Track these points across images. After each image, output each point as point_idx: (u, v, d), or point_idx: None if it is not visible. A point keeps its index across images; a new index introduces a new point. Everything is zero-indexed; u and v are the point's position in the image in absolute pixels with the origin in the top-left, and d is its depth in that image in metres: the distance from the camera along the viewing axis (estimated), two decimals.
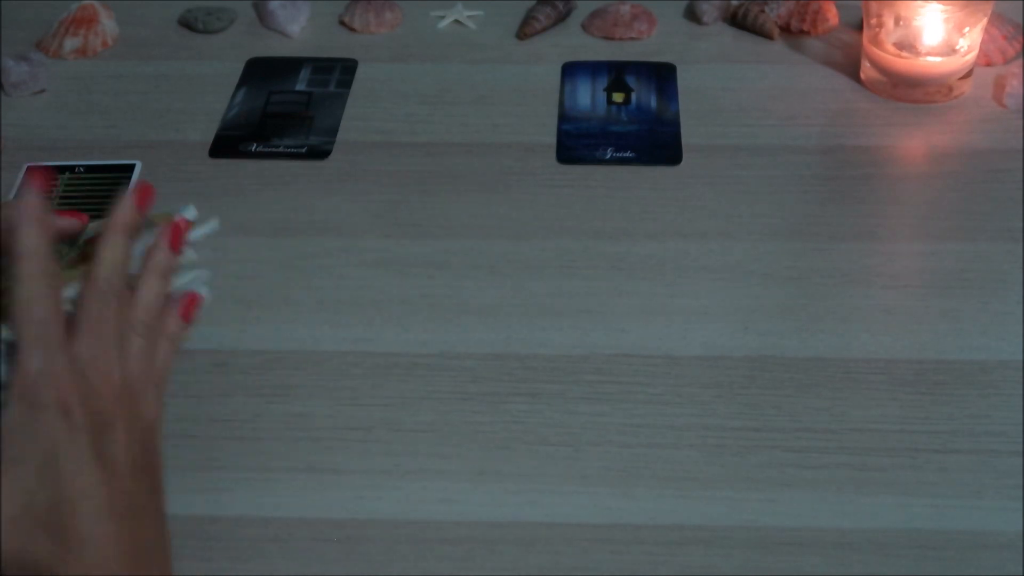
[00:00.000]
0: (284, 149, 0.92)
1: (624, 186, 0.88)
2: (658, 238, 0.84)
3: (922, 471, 0.69)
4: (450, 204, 0.87)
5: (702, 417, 0.72)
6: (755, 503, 0.67)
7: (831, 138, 0.92)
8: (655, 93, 0.97)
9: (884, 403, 0.72)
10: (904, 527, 0.66)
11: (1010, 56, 0.99)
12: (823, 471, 0.69)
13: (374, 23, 1.05)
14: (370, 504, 0.68)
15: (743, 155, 0.91)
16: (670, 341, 0.76)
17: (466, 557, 0.65)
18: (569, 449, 0.70)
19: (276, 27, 1.05)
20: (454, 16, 1.06)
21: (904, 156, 0.91)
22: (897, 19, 0.93)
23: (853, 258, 0.82)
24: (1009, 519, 0.66)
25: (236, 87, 0.98)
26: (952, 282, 0.80)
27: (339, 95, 0.98)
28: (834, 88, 0.97)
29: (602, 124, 0.94)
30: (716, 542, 0.65)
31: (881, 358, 0.75)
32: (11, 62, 0.98)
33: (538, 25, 1.04)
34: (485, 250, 0.83)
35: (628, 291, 0.80)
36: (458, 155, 0.91)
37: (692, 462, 0.69)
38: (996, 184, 0.87)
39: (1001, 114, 0.94)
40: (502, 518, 0.67)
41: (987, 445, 0.70)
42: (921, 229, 0.85)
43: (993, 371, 0.74)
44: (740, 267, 0.81)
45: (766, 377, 0.74)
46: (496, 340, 0.76)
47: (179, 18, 1.06)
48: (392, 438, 0.71)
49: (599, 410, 0.72)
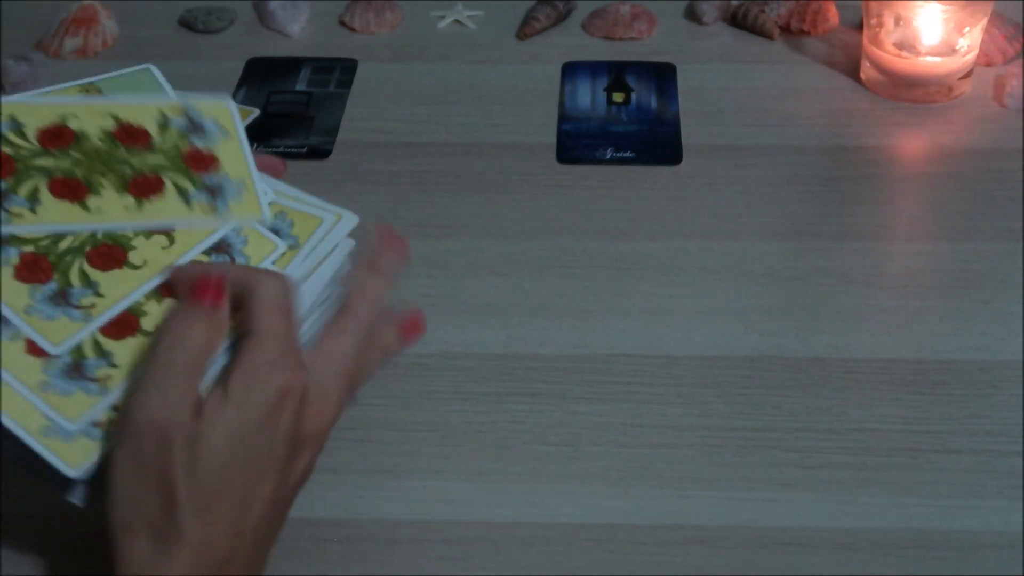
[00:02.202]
0: (284, 149, 0.92)
1: (624, 186, 0.88)
2: (658, 238, 0.84)
3: (922, 471, 0.69)
4: (450, 204, 0.87)
5: (702, 417, 0.72)
6: (755, 503, 0.67)
7: (831, 138, 0.92)
8: (655, 93, 0.97)
9: (884, 403, 0.72)
10: (904, 527, 0.66)
11: (1010, 56, 0.99)
12: (823, 471, 0.69)
13: (374, 23, 1.05)
14: (370, 504, 0.68)
15: (743, 155, 0.91)
16: (670, 341, 0.76)
17: (466, 557, 0.65)
18: (569, 449, 0.70)
19: (276, 27, 1.05)
20: (454, 16, 1.06)
21: (904, 156, 0.91)
22: (897, 19, 0.93)
23: (853, 258, 0.82)
24: (1009, 519, 0.66)
25: (236, 87, 0.98)
26: (952, 282, 0.80)
27: (339, 95, 0.98)
28: (834, 88, 0.97)
29: (602, 124, 0.94)
30: (716, 542, 0.65)
31: (881, 358, 0.75)
32: (11, 62, 0.98)
33: (538, 25, 1.04)
34: (485, 250, 0.83)
35: (628, 291, 0.80)
36: (458, 155, 0.91)
37: (692, 462, 0.69)
38: (996, 184, 0.87)
39: (1001, 114, 0.94)
40: (502, 518, 0.67)
41: (987, 445, 0.70)
42: (921, 229, 0.85)
43: (993, 371, 0.74)
44: (740, 267, 0.81)
45: (766, 377, 0.74)
46: (496, 340, 0.76)
47: (179, 18, 1.06)
48: (392, 438, 0.71)
49: (599, 410, 0.72)
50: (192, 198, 0.60)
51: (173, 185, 0.60)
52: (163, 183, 0.60)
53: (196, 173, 0.61)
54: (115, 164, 0.60)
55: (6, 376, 0.55)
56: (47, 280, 0.56)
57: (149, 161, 0.61)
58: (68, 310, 0.56)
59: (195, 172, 0.61)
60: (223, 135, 0.63)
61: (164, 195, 0.60)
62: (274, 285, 0.55)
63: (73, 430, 0.54)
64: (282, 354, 0.54)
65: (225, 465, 0.53)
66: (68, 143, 0.60)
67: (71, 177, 0.59)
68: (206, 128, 0.63)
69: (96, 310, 0.56)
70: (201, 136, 0.62)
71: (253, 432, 0.53)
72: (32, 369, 0.55)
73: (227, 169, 0.62)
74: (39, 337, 0.55)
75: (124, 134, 0.61)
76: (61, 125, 0.61)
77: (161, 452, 0.52)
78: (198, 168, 0.61)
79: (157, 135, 0.62)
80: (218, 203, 0.60)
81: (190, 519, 0.52)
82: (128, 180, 0.60)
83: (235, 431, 0.53)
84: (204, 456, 0.52)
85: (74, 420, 0.54)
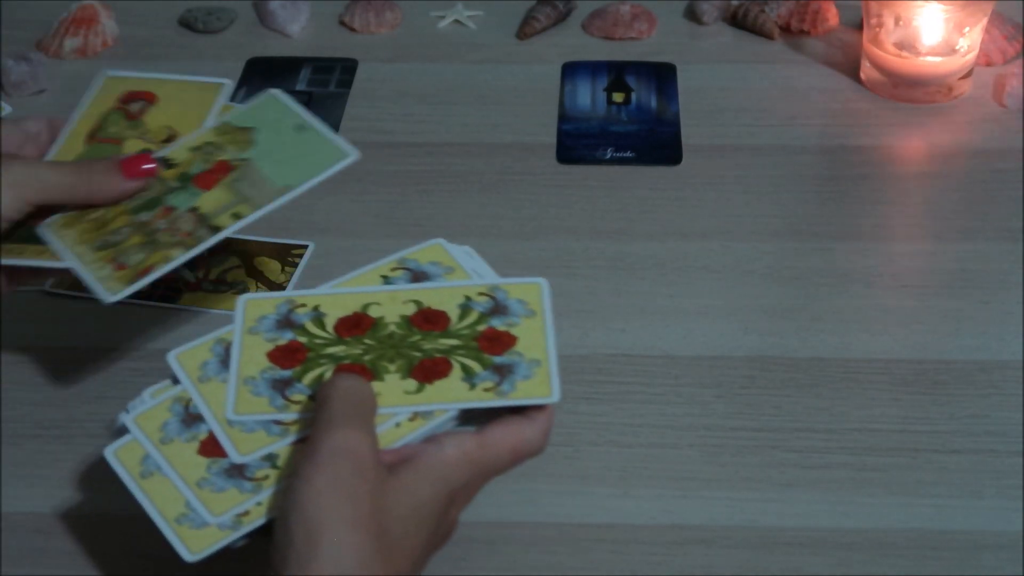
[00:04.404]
0: None
1: (624, 186, 0.88)
2: (658, 238, 0.84)
3: (922, 471, 0.69)
4: (450, 204, 0.87)
5: (702, 417, 0.72)
6: (755, 503, 0.67)
7: (831, 138, 0.92)
8: (655, 93, 0.97)
9: (884, 403, 0.72)
10: (904, 527, 0.66)
11: (1010, 56, 0.99)
12: (823, 471, 0.69)
13: (374, 23, 1.05)
14: None
15: (743, 155, 0.91)
16: (670, 341, 0.76)
17: (466, 557, 0.65)
18: (569, 449, 0.70)
19: (276, 27, 1.05)
20: (454, 16, 1.06)
21: (904, 156, 0.91)
22: (897, 19, 0.93)
23: (853, 258, 0.82)
24: (1009, 519, 0.66)
25: (236, 87, 0.98)
26: (952, 282, 0.80)
27: (339, 95, 0.98)
28: (834, 88, 0.97)
29: (602, 124, 0.94)
30: (716, 542, 0.65)
31: (881, 358, 0.75)
32: (11, 62, 0.98)
33: (538, 25, 1.04)
34: (485, 250, 0.83)
35: (628, 291, 0.80)
36: (458, 155, 0.91)
37: (692, 462, 0.69)
38: (996, 184, 0.87)
39: (1001, 114, 0.94)
40: (502, 518, 0.67)
41: (987, 445, 0.70)
42: (921, 229, 0.85)
43: (993, 371, 0.74)
44: (740, 267, 0.81)
45: (766, 377, 0.74)
46: None
47: (179, 18, 1.06)
48: None
49: (599, 410, 0.72)
50: (477, 380, 0.57)
51: (460, 367, 0.58)
52: (450, 366, 0.58)
53: (488, 355, 0.58)
54: (406, 349, 0.58)
55: (168, 470, 0.56)
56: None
57: (441, 344, 0.58)
58: (240, 482, 0.56)
59: (487, 354, 0.58)
60: (528, 315, 0.60)
61: (448, 378, 0.57)
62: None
63: (211, 522, 0.55)
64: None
65: (405, 520, 0.53)
66: (364, 331, 0.59)
67: (358, 363, 0.58)
68: (510, 308, 0.60)
69: (268, 482, 0.56)
70: (503, 317, 0.60)
71: (437, 510, 0.55)
72: (198, 467, 0.56)
73: (523, 348, 0.58)
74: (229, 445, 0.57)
75: (423, 319, 0.60)
76: (361, 314, 0.60)
77: (356, 475, 0.52)
78: (491, 350, 0.58)
79: (456, 319, 0.59)
80: (504, 385, 0.57)
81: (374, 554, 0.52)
82: (415, 364, 0.58)
83: (420, 501, 0.54)
84: (389, 506, 0.53)
85: (217, 515, 0.55)
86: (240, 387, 0.58)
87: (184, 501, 0.56)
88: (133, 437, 0.58)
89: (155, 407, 0.59)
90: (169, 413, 0.58)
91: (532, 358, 0.58)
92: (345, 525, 0.50)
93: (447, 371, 0.57)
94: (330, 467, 0.51)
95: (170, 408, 0.59)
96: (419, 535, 0.53)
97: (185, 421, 0.58)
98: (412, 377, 0.57)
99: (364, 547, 0.50)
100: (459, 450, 0.55)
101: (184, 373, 0.59)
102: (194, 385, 0.59)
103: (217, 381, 0.58)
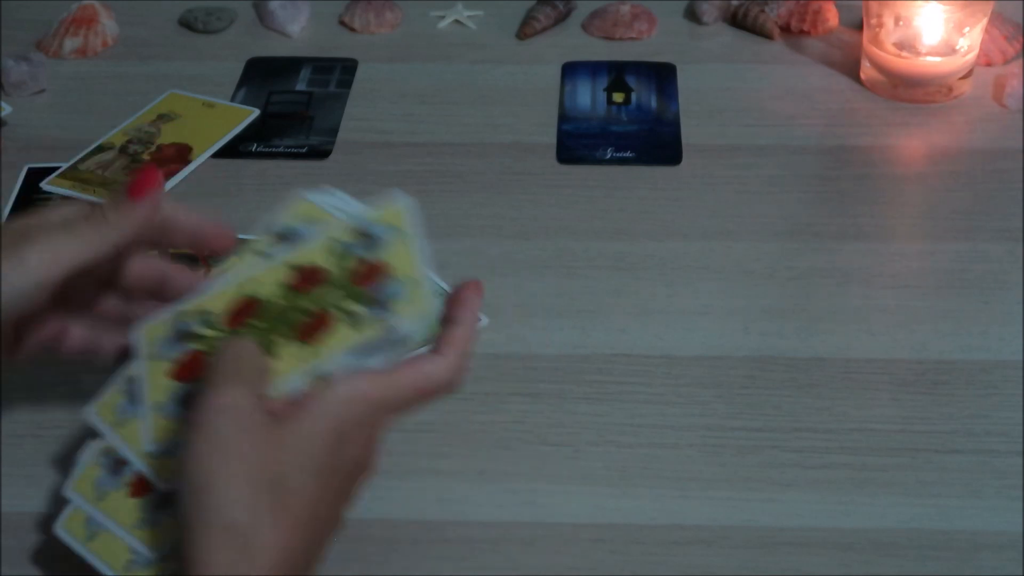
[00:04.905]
0: (284, 149, 0.92)
1: (624, 186, 0.88)
2: (658, 238, 0.84)
3: (922, 471, 0.69)
4: (450, 204, 0.87)
5: (702, 417, 0.72)
6: (755, 503, 0.67)
7: (831, 138, 0.92)
8: (655, 93, 0.97)
9: (884, 403, 0.72)
10: (904, 527, 0.66)
11: (1010, 56, 0.99)
12: (823, 471, 0.69)
13: (374, 23, 1.05)
14: (370, 504, 0.68)
15: (743, 155, 0.91)
16: (670, 341, 0.76)
17: (466, 557, 0.65)
18: (569, 449, 0.70)
19: (276, 27, 1.05)
20: (454, 16, 1.06)
21: (904, 156, 0.91)
22: (897, 19, 0.93)
23: (853, 258, 0.82)
24: (1009, 519, 0.66)
25: (236, 87, 0.98)
26: (952, 282, 0.80)
27: (339, 95, 0.98)
28: (834, 88, 0.97)
29: (602, 124, 0.94)
30: (716, 542, 0.65)
31: (881, 358, 0.75)
32: (11, 62, 0.98)
33: (538, 25, 1.04)
34: (485, 250, 0.83)
35: (628, 291, 0.80)
36: (458, 155, 0.91)
37: (692, 462, 0.69)
38: (996, 184, 0.87)
39: (1001, 114, 0.94)
40: (502, 518, 0.67)
41: (987, 445, 0.70)
42: (921, 229, 0.85)
43: (993, 371, 0.74)
44: (740, 267, 0.81)
45: (766, 377, 0.74)
46: (496, 340, 0.76)
47: (179, 18, 1.06)
48: (392, 438, 0.71)
49: (599, 410, 0.72)
50: (361, 319, 0.57)
51: (342, 313, 0.57)
52: (330, 316, 0.57)
53: (364, 289, 0.58)
54: (291, 316, 0.58)
55: (107, 523, 0.57)
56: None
57: (321, 298, 0.58)
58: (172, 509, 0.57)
59: (363, 288, 0.58)
60: (395, 238, 0.59)
61: (334, 328, 0.57)
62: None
63: (154, 557, 0.56)
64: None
65: (303, 466, 0.53)
66: (253, 314, 0.58)
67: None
68: (377, 237, 0.59)
69: None
70: (371, 248, 0.59)
71: (328, 447, 0.54)
72: (133, 510, 0.57)
73: (396, 271, 0.58)
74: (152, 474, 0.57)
75: (303, 281, 0.59)
76: (245, 298, 0.59)
77: (239, 430, 0.52)
78: (366, 283, 0.58)
79: (335, 267, 0.59)
80: (387, 314, 0.57)
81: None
82: (298, 326, 0.57)
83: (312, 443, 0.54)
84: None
85: (159, 549, 0.56)
86: (153, 416, 0.57)
87: (127, 548, 0.56)
88: (75, 505, 0.59)
89: (87, 468, 0.59)
90: (99, 468, 0.59)
91: (406, 277, 0.58)
92: (230, 481, 0.51)
93: (329, 322, 0.57)
94: (209, 427, 0.52)
95: (98, 463, 0.59)
96: (320, 478, 0.53)
97: (113, 471, 0.58)
98: (300, 340, 0.57)
99: (252, 501, 0.50)
100: (349, 386, 0.54)
101: (101, 422, 0.59)
102: (111, 430, 0.58)
103: (135, 420, 0.58)
